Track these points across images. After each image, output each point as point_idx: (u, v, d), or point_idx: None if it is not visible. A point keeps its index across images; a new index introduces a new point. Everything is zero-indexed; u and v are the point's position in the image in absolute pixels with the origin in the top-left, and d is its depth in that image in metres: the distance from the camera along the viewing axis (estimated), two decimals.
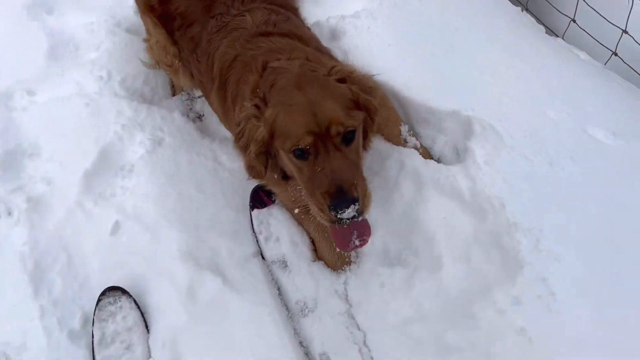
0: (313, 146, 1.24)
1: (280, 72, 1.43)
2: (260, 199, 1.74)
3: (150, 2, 1.87)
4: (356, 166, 1.33)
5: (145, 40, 1.91)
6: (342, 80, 1.39)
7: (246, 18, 1.68)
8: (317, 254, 1.69)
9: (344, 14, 1.93)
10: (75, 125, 1.89)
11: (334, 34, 1.93)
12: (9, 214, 1.79)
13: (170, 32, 1.83)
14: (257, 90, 1.43)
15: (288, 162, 1.38)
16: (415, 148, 1.70)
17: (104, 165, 1.85)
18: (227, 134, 1.84)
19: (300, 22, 1.74)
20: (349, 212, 1.20)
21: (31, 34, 2.06)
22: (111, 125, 1.89)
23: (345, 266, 1.64)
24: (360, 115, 1.34)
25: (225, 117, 1.67)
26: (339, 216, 1.20)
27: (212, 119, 1.95)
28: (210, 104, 1.75)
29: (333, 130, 1.24)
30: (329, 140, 1.26)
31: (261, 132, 1.35)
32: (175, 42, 1.83)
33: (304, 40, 1.62)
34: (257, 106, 1.37)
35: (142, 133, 1.89)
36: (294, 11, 1.77)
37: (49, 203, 1.81)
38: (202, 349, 1.55)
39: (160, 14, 1.79)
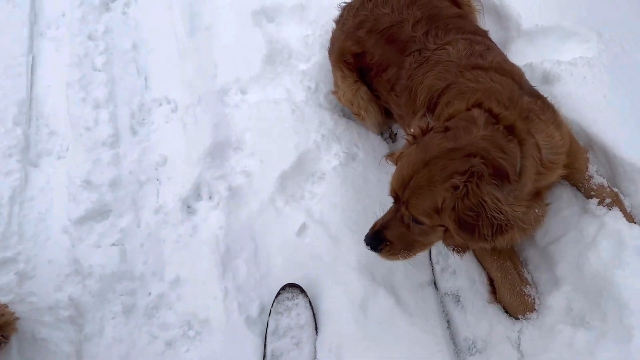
0: (395, 200, 1.54)
1: (465, 127, 1.60)
2: None
3: (344, 57, 2.22)
4: (406, 238, 1.62)
5: (333, 93, 2.30)
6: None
7: (448, 50, 1.90)
8: (496, 296, 1.83)
9: (559, 59, 2.08)
10: (280, 128, 2.26)
11: (547, 78, 2.09)
12: (210, 197, 2.20)
13: (367, 83, 2.19)
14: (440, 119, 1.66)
15: None
16: (602, 187, 1.80)
17: (299, 170, 2.20)
18: None
19: (499, 49, 1.91)
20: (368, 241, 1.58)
21: (253, 39, 2.50)
22: (312, 134, 2.23)
23: (527, 313, 1.75)
24: (438, 220, 1.54)
25: None
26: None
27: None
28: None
29: (404, 209, 1.50)
30: (404, 207, 1.51)
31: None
32: (372, 91, 2.20)
33: (516, 78, 1.78)
34: (413, 135, 1.61)
35: (339, 145, 2.20)
36: (485, 34, 1.98)
37: (245, 194, 2.19)
38: None
39: (356, 67, 2.15)
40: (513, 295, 1.82)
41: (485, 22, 2.25)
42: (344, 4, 2.22)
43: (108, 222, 2.18)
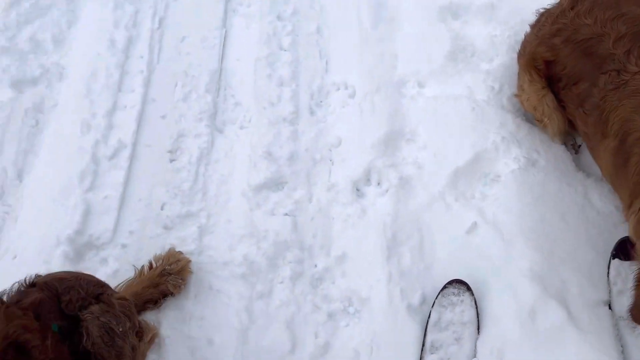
0: None
1: None
2: (626, 251, 1.90)
3: (535, 62, 2.20)
4: None
5: (517, 96, 2.30)
6: None
7: None
8: None
9: None
10: (457, 124, 2.32)
11: None
12: (379, 184, 2.31)
13: (555, 92, 2.14)
14: None
15: None
16: None
17: (473, 168, 2.24)
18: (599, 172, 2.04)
19: None
20: None
21: (437, 34, 2.58)
22: (491, 134, 2.26)
23: None
24: None
25: (616, 180, 1.89)
26: None
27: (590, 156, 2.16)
28: (595, 157, 1.97)
29: None
30: None
31: None
32: (559, 101, 2.13)
33: None
34: None
35: (519, 149, 2.21)
36: None
37: (415, 186, 2.27)
38: None
39: (545, 74, 2.14)
40: None
41: None
42: (542, 10, 2.23)
43: (283, 193, 2.36)
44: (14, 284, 1.67)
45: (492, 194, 2.25)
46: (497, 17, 2.62)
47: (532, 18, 2.28)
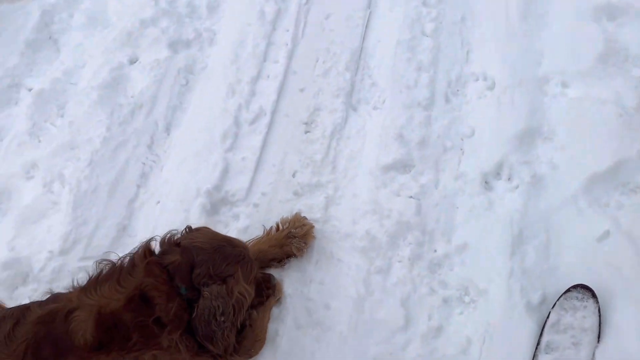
0: None
1: None
2: None
3: None
4: None
5: None
6: None
7: None
8: None
9: None
10: (600, 129, 2.27)
11: None
12: (509, 179, 2.32)
13: None
14: None
15: None
16: None
17: (612, 176, 2.19)
18: None
19: None
20: None
21: (588, 34, 2.52)
22: (636, 143, 2.22)
23: None
24: None
25: None
26: None
27: None
28: None
29: None
30: None
31: None
32: None
33: None
34: None
35: None
36: None
37: (547, 185, 2.26)
38: None
39: None
40: None
41: None
42: None
43: (409, 176, 2.43)
44: (165, 233, 1.87)
45: (629, 204, 2.20)
46: None
47: None
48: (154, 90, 2.74)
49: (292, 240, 2.18)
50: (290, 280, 2.21)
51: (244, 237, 2.28)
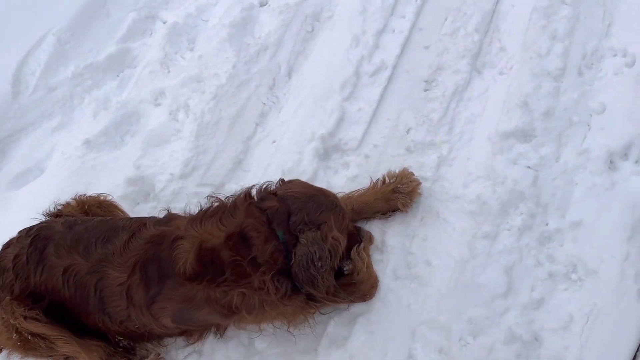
0: None
1: None
2: None
3: None
4: None
5: None
6: None
7: None
8: None
9: None
10: None
11: None
12: (637, 161, 2.27)
13: None
14: None
15: None
16: None
17: None
18: None
19: None
20: None
21: None
22: None
23: None
24: None
25: None
26: None
27: None
28: None
29: None
30: None
31: None
32: None
33: None
34: None
35: None
36: None
37: None
38: None
39: None
40: None
41: None
42: None
43: (529, 146, 2.39)
44: (262, 184, 2.00)
45: None
46: None
47: None
48: (281, 33, 2.86)
49: (397, 195, 2.24)
50: (394, 232, 2.28)
51: (352, 186, 2.37)
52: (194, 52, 2.85)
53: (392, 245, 2.23)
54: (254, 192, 1.96)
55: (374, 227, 2.29)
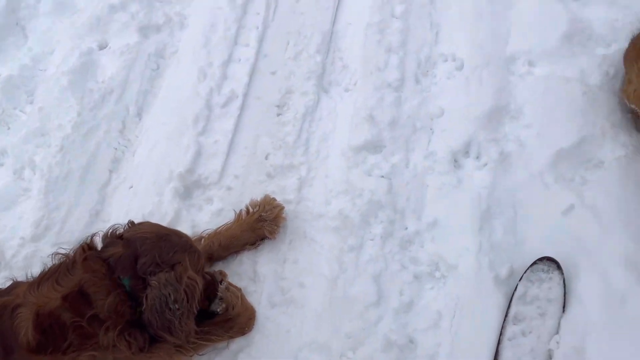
0: None
1: None
2: None
3: None
4: None
5: (623, 91, 2.31)
6: None
7: None
8: None
9: None
10: (566, 107, 2.35)
11: None
12: (478, 157, 2.39)
13: None
14: None
15: None
16: None
17: (577, 152, 2.28)
18: None
19: None
20: None
21: (554, 13, 2.59)
22: (599, 119, 2.29)
23: None
24: None
25: None
26: None
27: None
28: None
29: None
30: None
31: None
32: None
33: None
34: None
35: (628, 137, 2.30)
36: None
37: (514, 162, 2.34)
38: (611, 355, 1.92)
39: None
40: None
41: None
42: None
43: (380, 156, 2.48)
44: (108, 228, 1.89)
45: (593, 179, 2.28)
46: (620, 1, 2.59)
47: None
48: (124, 75, 2.75)
49: (263, 224, 2.21)
50: (264, 260, 2.26)
51: (218, 221, 2.32)
52: (34, 104, 2.67)
53: (264, 274, 2.20)
54: (97, 239, 1.80)
55: (244, 259, 2.26)
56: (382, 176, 2.42)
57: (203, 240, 2.21)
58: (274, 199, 2.29)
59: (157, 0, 3.01)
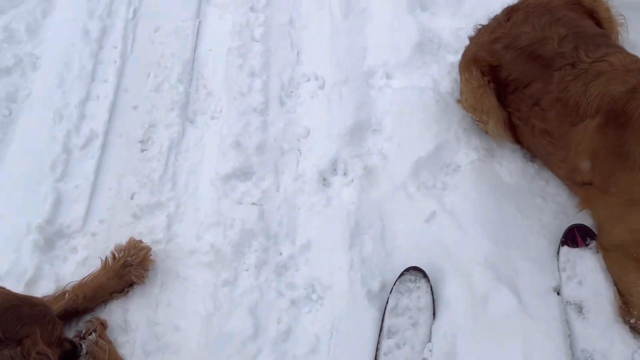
0: None
1: None
2: (574, 238, 2.02)
3: (478, 63, 2.29)
4: None
5: (459, 102, 2.45)
6: None
7: (609, 61, 1.98)
8: (624, 313, 1.87)
9: None
10: (422, 116, 2.42)
11: None
12: (345, 174, 2.41)
13: (503, 98, 2.28)
14: None
15: None
16: None
17: (435, 159, 2.35)
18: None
19: None
20: None
21: (405, 26, 2.66)
22: (453, 126, 2.36)
23: None
24: None
25: (604, 151, 1.96)
26: None
27: None
28: (559, 147, 2.07)
29: None
30: None
31: None
32: (504, 107, 2.28)
33: None
34: None
35: (479, 140, 2.32)
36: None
37: (379, 175, 2.38)
38: (478, 356, 1.97)
39: (493, 80, 2.25)
40: None
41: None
42: (479, 26, 2.37)
43: (251, 182, 2.44)
44: None
45: (452, 184, 2.34)
46: (463, 11, 2.70)
47: (497, 11, 2.34)
48: None
49: (129, 269, 2.12)
50: (135, 307, 2.16)
51: (84, 270, 2.20)
52: None
53: (136, 322, 2.09)
54: None
55: (114, 308, 2.14)
56: (254, 203, 2.38)
57: (67, 294, 2.07)
58: (140, 241, 2.19)
59: (4, 41, 2.81)
